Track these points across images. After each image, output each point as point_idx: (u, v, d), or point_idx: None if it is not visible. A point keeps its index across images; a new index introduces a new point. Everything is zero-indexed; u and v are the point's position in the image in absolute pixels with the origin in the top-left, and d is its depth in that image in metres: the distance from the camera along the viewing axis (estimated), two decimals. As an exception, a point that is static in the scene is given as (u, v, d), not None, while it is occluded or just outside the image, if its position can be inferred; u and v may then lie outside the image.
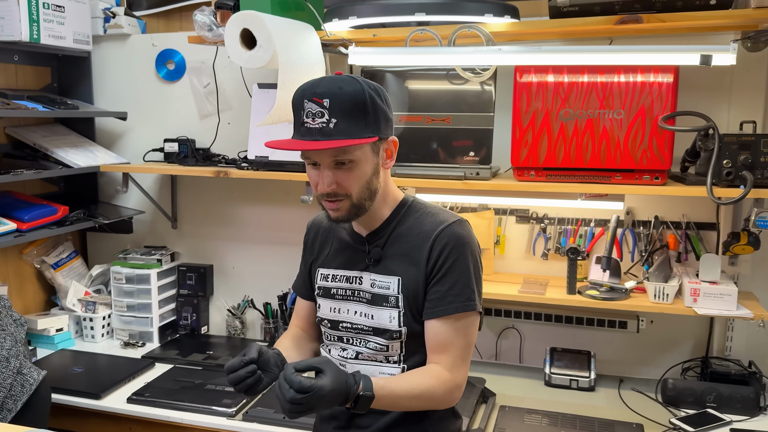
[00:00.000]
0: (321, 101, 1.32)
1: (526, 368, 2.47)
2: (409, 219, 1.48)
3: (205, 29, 2.13)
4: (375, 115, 1.35)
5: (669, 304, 2.08)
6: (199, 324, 2.81)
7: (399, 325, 1.45)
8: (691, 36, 2.10)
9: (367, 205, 1.41)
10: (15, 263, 2.71)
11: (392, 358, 1.48)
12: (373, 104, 1.35)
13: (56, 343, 2.64)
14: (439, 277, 1.41)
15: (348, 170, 1.36)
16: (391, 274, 1.46)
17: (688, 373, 2.32)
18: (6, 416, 1.86)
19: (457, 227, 1.44)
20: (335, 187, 1.36)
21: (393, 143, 1.43)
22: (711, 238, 2.27)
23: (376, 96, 1.36)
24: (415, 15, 1.88)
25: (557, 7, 1.88)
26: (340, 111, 1.31)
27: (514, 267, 2.48)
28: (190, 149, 2.66)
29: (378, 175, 1.41)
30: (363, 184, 1.38)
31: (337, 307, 1.53)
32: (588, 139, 2.01)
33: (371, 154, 1.38)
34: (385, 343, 1.47)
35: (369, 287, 1.48)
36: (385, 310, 1.46)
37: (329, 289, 1.54)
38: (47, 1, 2.46)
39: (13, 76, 2.69)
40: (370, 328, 1.48)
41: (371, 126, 1.34)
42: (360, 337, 1.50)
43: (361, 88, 1.34)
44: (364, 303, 1.49)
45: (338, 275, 1.53)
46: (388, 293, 1.46)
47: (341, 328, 1.53)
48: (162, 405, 2.16)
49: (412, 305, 1.44)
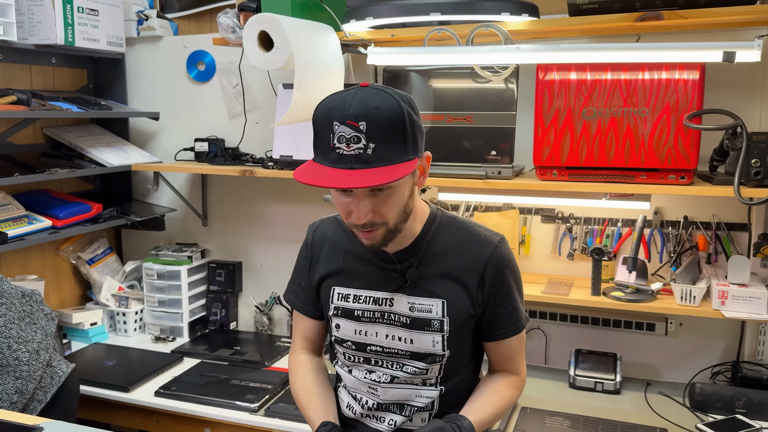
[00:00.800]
0: (356, 124, 1.18)
1: (550, 369, 2.44)
2: (444, 235, 1.41)
3: (228, 31, 2.17)
4: (413, 133, 1.24)
5: (696, 306, 2.03)
6: (228, 320, 2.87)
7: (443, 350, 1.40)
8: (718, 32, 2.04)
9: (402, 227, 1.33)
10: (52, 259, 2.81)
11: (429, 381, 1.45)
12: (411, 122, 1.23)
13: (90, 337, 2.72)
14: (498, 300, 1.41)
15: (386, 197, 1.25)
16: (433, 296, 1.38)
17: (718, 378, 2.26)
18: (36, 407, 1.93)
19: (504, 248, 1.42)
20: (371, 216, 1.26)
21: (427, 159, 1.33)
22: (742, 239, 2.20)
23: (412, 111, 1.24)
24: (431, 15, 1.87)
25: (576, 5, 1.85)
26: (378, 135, 1.18)
27: (539, 267, 2.45)
28: (220, 148, 2.71)
29: (413, 196, 1.33)
30: (400, 210, 1.29)
31: (364, 330, 1.44)
32: (612, 137, 1.97)
33: (409, 176, 1.28)
34: (425, 367, 1.42)
35: (406, 310, 1.40)
36: (428, 335, 1.39)
37: (352, 311, 1.44)
38: (82, 5, 2.54)
39: (51, 77, 2.78)
40: (407, 352, 1.41)
41: (410, 147, 1.23)
42: (394, 361, 1.43)
43: (398, 104, 1.20)
44: (399, 326, 1.40)
45: (362, 296, 1.43)
46: (431, 317, 1.39)
47: (369, 351, 1.45)
48: (187, 399, 2.21)
49: (459, 328, 1.40)
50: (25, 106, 2.35)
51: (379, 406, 1.48)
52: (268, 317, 2.83)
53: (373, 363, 1.46)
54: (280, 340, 2.72)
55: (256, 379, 2.33)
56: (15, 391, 1.87)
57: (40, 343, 1.98)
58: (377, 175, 1.18)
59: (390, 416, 1.47)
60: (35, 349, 1.95)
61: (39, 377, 1.94)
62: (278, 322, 2.86)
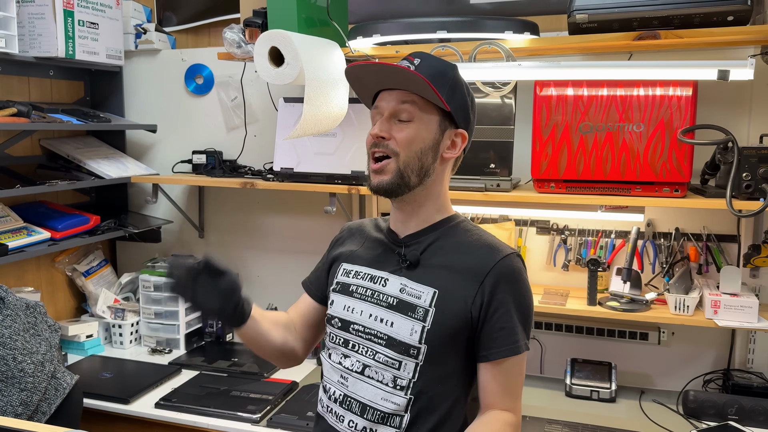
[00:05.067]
0: (413, 59, 1.32)
1: (546, 379, 2.48)
2: (458, 234, 1.39)
3: (234, 46, 2.20)
4: (456, 92, 1.33)
5: (689, 315, 2.09)
6: (224, 331, 2.87)
7: (419, 341, 1.32)
8: (709, 50, 2.12)
9: (413, 181, 1.33)
10: (47, 271, 2.80)
11: (400, 382, 1.33)
12: (458, 84, 1.34)
13: (86, 349, 2.71)
14: (497, 315, 1.31)
15: (405, 126, 1.31)
16: (427, 283, 1.34)
17: (710, 385, 2.32)
18: (40, 419, 1.92)
19: (515, 260, 1.36)
20: (386, 136, 1.31)
21: (462, 136, 1.37)
22: (732, 250, 2.27)
23: (464, 86, 1.35)
24: (437, 33, 1.92)
25: (576, 24, 1.91)
26: (426, 71, 1.29)
27: (534, 278, 2.50)
28: (218, 161, 2.73)
29: (435, 155, 1.34)
30: (415, 150, 1.31)
31: (352, 306, 1.40)
32: (608, 151, 2.03)
33: (435, 126, 1.33)
34: (396, 358, 1.33)
35: (396, 291, 1.36)
36: (408, 321, 1.33)
37: (348, 286, 1.43)
38: (82, 19, 2.56)
39: (48, 90, 2.79)
40: (385, 336, 1.35)
41: (449, 98, 1.31)
42: (369, 346, 1.37)
43: (451, 64, 1.35)
44: (384, 307, 1.36)
45: (362, 272, 1.42)
46: (418, 303, 1.33)
47: (351, 330, 1.40)
48: (189, 410, 2.21)
49: (443, 324, 1.31)
50: (26, 118, 2.36)
51: (344, 400, 1.39)
52: (265, 329, 2.84)
53: (350, 347, 1.39)
54: (277, 352, 2.73)
55: (257, 390, 2.34)
56: (20, 403, 1.86)
57: (45, 354, 1.97)
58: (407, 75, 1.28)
59: (350, 416, 1.37)
60: (40, 361, 1.94)
61: (44, 389, 1.93)
62: (275, 333, 2.86)
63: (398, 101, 1.31)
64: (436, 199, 1.40)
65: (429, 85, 1.26)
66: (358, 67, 1.34)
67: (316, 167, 2.38)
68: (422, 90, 1.29)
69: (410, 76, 1.28)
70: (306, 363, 2.61)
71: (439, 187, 1.39)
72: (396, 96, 1.32)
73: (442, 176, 1.39)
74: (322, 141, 2.36)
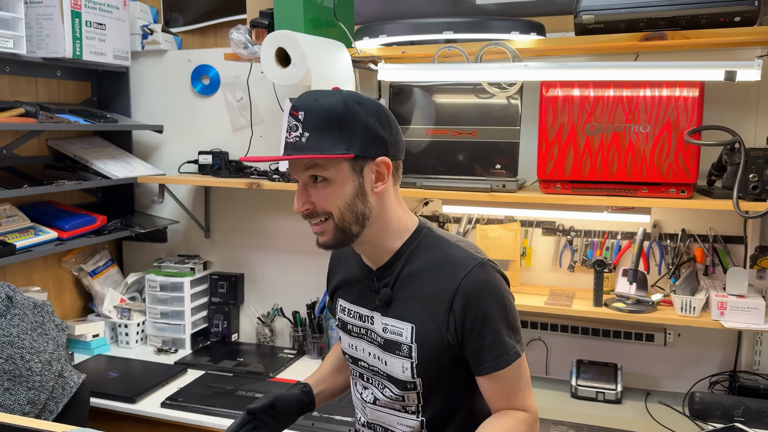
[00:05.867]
0: (297, 114, 1.26)
1: (552, 380, 2.48)
2: (422, 256, 1.34)
3: (240, 47, 2.21)
4: (352, 130, 1.24)
5: (696, 317, 2.09)
6: (230, 331, 2.88)
7: (412, 377, 1.33)
8: (716, 51, 2.12)
9: (355, 230, 1.30)
10: (54, 270, 2.81)
11: (410, 408, 1.39)
12: (351, 119, 1.24)
13: (92, 349, 2.72)
14: (476, 332, 1.28)
15: (321, 188, 1.27)
16: (403, 319, 1.33)
17: (716, 387, 2.31)
18: (48, 417, 1.93)
19: (481, 273, 1.29)
20: (309, 207, 1.28)
21: (385, 165, 1.28)
22: (738, 251, 2.27)
23: (361, 111, 1.25)
24: (443, 33, 1.92)
25: (583, 24, 1.91)
26: (313, 125, 1.24)
27: (540, 279, 2.50)
28: (224, 161, 2.74)
29: (364, 199, 1.29)
30: (343, 206, 1.27)
31: (354, 345, 1.45)
32: (614, 152, 2.03)
33: (350, 172, 1.26)
34: (399, 393, 1.37)
35: (380, 331, 1.37)
36: (398, 359, 1.34)
37: (346, 324, 1.46)
38: (89, 20, 2.57)
39: (56, 90, 2.80)
40: (384, 373, 1.38)
41: (347, 142, 1.24)
42: (377, 380, 1.42)
43: (339, 101, 1.25)
44: (376, 345, 1.38)
45: (353, 310, 1.44)
46: (401, 341, 1.33)
47: (360, 366, 1.45)
48: (194, 410, 2.22)
49: (428, 357, 1.32)
50: (33, 118, 2.37)
51: (369, 425, 1.48)
52: (270, 329, 2.85)
53: (365, 380, 1.45)
54: (282, 352, 2.74)
55: (262, 390, 2.35)
56: (27, 402, 1.87)
57: (52, 353, 1.98)
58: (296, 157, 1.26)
59: None
60: (47, 360, 1.95)
61: (51, 388, 1.94)
62: (280, 333, 2.87)
63: (303, 169, 1.27)
64: (388, 229, 1.34)
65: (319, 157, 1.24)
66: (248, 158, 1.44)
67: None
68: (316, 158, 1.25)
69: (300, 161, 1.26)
70: (311, 363, 2.63)
71: (386, 216, 1.34)
72: (300, 165, 1.28)
73: (383, 206, 1.33)
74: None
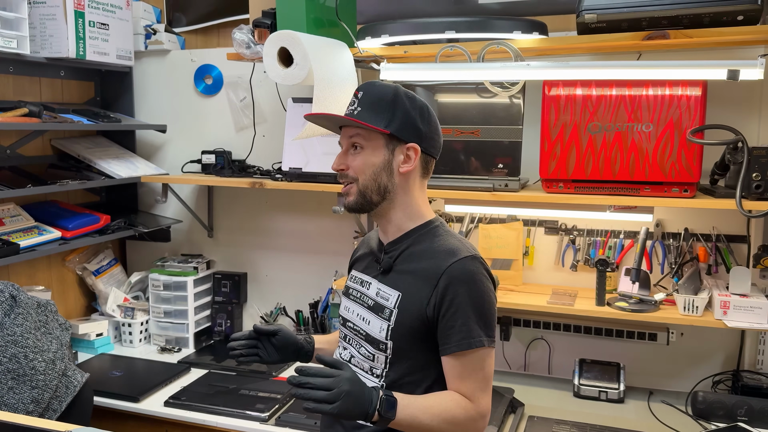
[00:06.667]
0: (358, 93, 1.49)
1: (554, 379, 2.48)
2: (428, 240, 1.51)
3: (243, 47, 2.21)
4: (395, 114, 1.45)
5: (699, 316, 2.08)
6: (233, 330, 2.88)
7: (386, 338, 1.47)
8: (719, 50, 2.11)
9: (375, 199, 1.48)
10: (58, 270, 2.82)
11: (376, 371, 1.51)
12: (397, 105, 1.46)
13: (96, 348, 2.73)
14: (450, 313, 1.42)
15: (357, 154, 1.48)
16: (394, 287, 1.50)
17: (719, 386, 2.31)
18: (51, 416, 1.94)
19: (469, 263, 1.44)
20: (343, 167, 1.49)
21: (414, 150, 1.48)
22: (741, 250, 2.26)
23: (407, 102, 1.47)
24: (445, 33, 1.92)
25: (585, 24, 1.91)
26: (367, 102, 1.46)
27: (542, 278, 2.50)
28: (227, 161, 2.74)
29: (390, 174, 1.48)
30: (370, 174, 1.47)
31: (348, 307, 1.60)
32: (617, 151, 2.03)
33: (383, 147, 1.47)
34: (372, 352, 1.51)
35: (373, 294, 1.53)
36: (378, 320, 1.49)
37: (348, 288, 1.63)
38: (93, 20, 2.58)
39: (59, 90, 2.81)
40: (364, 332, 1.53)
41: (387, 121, 1.45)
42: (356, 340, 1.56)
43: (393, 88, 1.48)
44: (365, 308, 1.54)
45: (357, 277, 1.61)
46: (386, 305, 1.49)
47: (347, 327, 1.60)
48: (198, 409, 2.23)
49: (403, 323, 1.46)
50: (37, 118, 2.38)
51: None
52: (274, 328, 2.85)
53: (346, 340, 1.60)
54: (285, 351, 2.74)
55: (265, 389, 2.36)
56: (31, 401, 1.88)
57: (56, 352, 1.99)
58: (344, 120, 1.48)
59: None
60: (51, 359, 1.96)
61: (54, 387, 1.95)
62: (283, 332, 2.87)
63: (348, 135, 1.50)
64: (406, 209, 1.53)
65: (360, 123, 1.45)
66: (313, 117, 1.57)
67: (325, 167, 2.38)
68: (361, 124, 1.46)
69: (345, 121, 1.49)
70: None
71: (406, 197, 1.52)
72: (347, 131, 1.51)
73: (406, 188, 1.51)
74: (330, 141, 2.36)
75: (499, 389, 2.29)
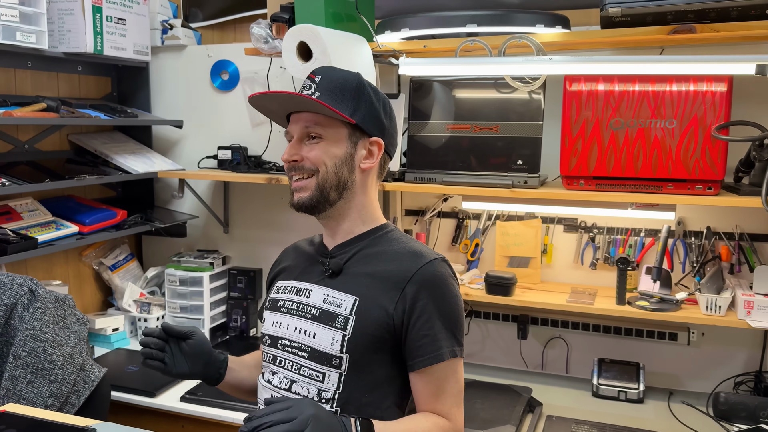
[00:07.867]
0: (314, 77, 1.35)
1: (573, 379, 2.45)
2: (384, 244, 1.38)
3: (261, 41, 2.20)
4: (360, 103, 1.33)
5: (721, 316, 2.05)
6: (249, 326, 2.88)
7: (340, 351, 1.28)
8: (745, 45, 2.07)
9: (332, 196, 1.34)
10: (75, 265, 2.82)
11: (326, 394, 1.30)
12: (361, 93, 1.33)
13: (112, 342, 2.73)
14: (421, 322, 1.28)
15: (315, 144, 1.32)
16: (348, 291, 1.32)
17: (741, 387, 2.27)
18: (69, 410, 1.94)
19: (438, 265, 1.33)
20: (298, 158, 1.33)
21: (378, 145, 1.36)
22: (766, 249, 2.22)
23: (371, 92, 1.35)
24: (466, 26, 1.90)
25: (609, 17, 1.88)
26: (326, 88, 1.32)
27: (561, 276, 2.47)
28: (243, 157, 2.74)
29: (351, 169, 1.34)
30: (331, 166, 1.32)
31: (279, 322, 1.38)
32: (639, 148, 2.00)
33: (346, 139, 1.33)
34: (320, 370, 1.30)
35: (319, 302, 1.34)
36: (329, 331, 1.30)
37: (276, 302, 1.42)
38: (110, 15, 2.58)
39: (77, 85, 2.81)
40: (308, 348, 1.32)
41: (353, 109, 1.32)
42: (295, 360, 1.34)
43: (355, 76, 1.35)
44: (308, 319, 1.34)
45: (289, 286, 1.42)
46: (338, 312, 1.31)
47: (279, 346, 1.37)
48: (213, 404, 2.23)
49: (363, 331, 1.29)
50: (55, 113, 2.38)
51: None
52: (289, 324, 2.84)
53: (279, 363, 1.36)
54: (301, 347, 2.73)
55: (281, 386, 2.34)
56: (49, 395, 1.88)
57: (74, 347, 1.99)
58: (304, 100, 1.30)
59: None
60: (69, 353, 1.96)
61: (73, 381, 1.95)
62: (298, 329, 2.87)
63: (304, 123, 1.33)
64: (361, 211, 1.39)
65: (326, 106, 1.28)
66: (259, 97, 1.36)
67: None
68: (323, 110, 1.31)
69: (307, 101, 1.31)
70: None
71: (362, 198, 1.39)
72: (302, 118, 1.33)
73: (364, 187, 1.38)
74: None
75: (516, 388, 2.27)
